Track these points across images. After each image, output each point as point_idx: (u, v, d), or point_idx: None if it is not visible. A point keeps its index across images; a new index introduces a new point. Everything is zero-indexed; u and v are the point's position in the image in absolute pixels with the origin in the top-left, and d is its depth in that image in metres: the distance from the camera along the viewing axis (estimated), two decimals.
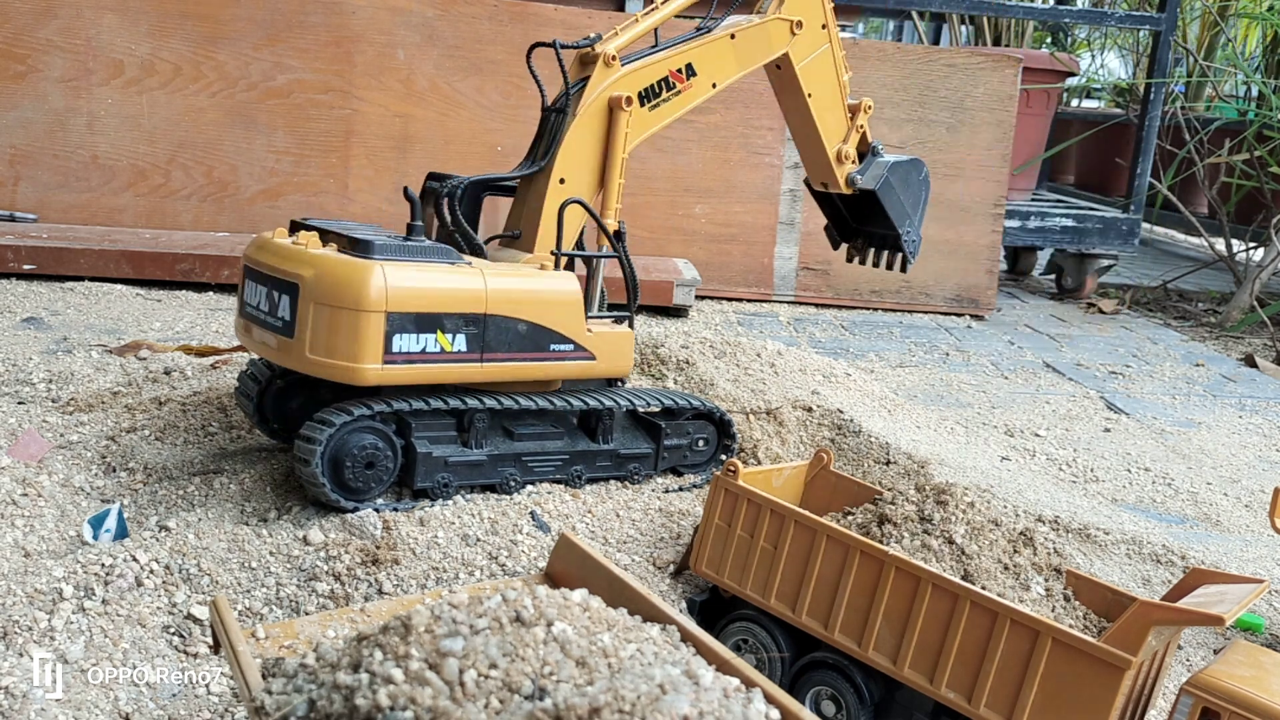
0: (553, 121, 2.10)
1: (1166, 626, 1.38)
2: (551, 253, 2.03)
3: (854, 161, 2.51)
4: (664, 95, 2.15)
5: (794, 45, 2.32)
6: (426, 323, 1.82)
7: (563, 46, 2.05)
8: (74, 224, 4.00)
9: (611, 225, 2.12)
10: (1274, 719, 1.35)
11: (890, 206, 2.51)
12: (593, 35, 2.10)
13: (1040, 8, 6.03)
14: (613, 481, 2.21)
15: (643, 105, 2.12)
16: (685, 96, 2.19)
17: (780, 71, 2.38)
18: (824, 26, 2.39)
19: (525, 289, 1.96)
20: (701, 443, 2.31)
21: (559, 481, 2.11)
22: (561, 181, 2.07)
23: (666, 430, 2.24)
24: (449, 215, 2.03)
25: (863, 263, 2.77)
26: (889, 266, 2.64)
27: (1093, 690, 1.36)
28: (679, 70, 2.16)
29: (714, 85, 2.24)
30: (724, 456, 2.35)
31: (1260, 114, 5.20)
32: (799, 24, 2.32)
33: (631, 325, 2.15)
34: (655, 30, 2.15)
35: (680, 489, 2.27)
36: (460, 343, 1.87)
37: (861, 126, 2.50)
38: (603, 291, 2.20)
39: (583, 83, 2.08)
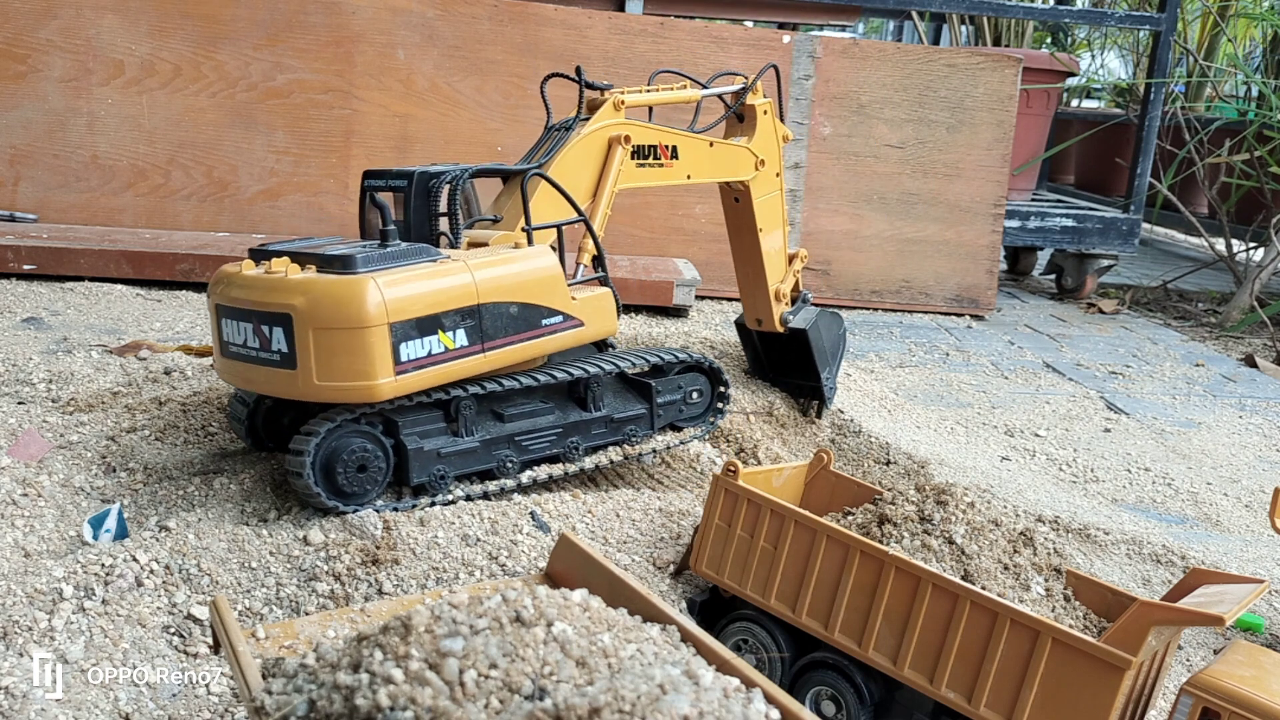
0: (556, 137, 2.25)
1: (1166, 626, 1.38)
2: (521, 228, 2.09)
3: (787, 303, 2.79)
4: (649, 161, 2.38)
5: (755, 179, 2.63)
6: (428, 325, 1.82)
7: (587, 85, 2.26)
8: (74, 224, 4.00)
9: (592, 250, 2.23)
10: (1274, 719, 1.36)
11: (816, 349, 2.77)
12: (608, 83, 2.34)
13: (1040, 8, 6.03)
14: (612, 481, 2.21)
15: (633, 158, 2.33)
16: (664, 172, 2.43)
17: (738, 204, 2.68)
18: (778, 175, 2.70)
19: (510, 272, 1.96)
20: (695, 395, 2.33)
21: (556, 458, 2.10)
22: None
23: (657, 388, 2.24)
24: (445, 204, 2.06)
25: None
26: (803, 414, 2.87)
27: (1093, 690, 1.36)
28: (667, 147, 2.41)
29: (688, 177, 2.47)
30: (720, 405, 2.37)
31: (1260, 114, 5.20)
32: (762, 162, 2.62)
33: (608, 284, 2.22)
34: (650, 109, 2.43)
35: (683, 444, 2.30)
36: (461, 337, 1.88)
37: (796, 273, 2.81)
38: None
39: (589, 116, 2.28)
